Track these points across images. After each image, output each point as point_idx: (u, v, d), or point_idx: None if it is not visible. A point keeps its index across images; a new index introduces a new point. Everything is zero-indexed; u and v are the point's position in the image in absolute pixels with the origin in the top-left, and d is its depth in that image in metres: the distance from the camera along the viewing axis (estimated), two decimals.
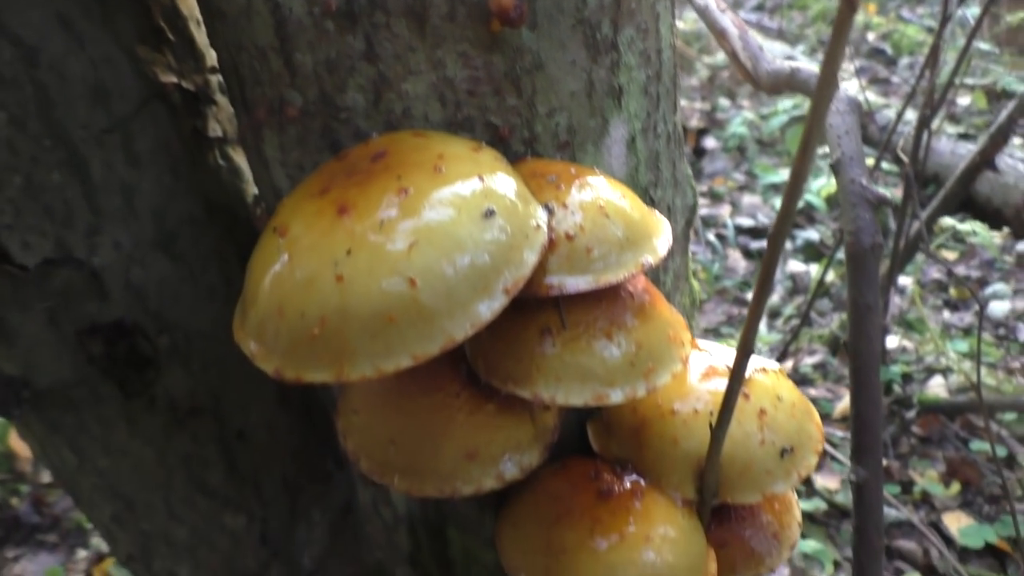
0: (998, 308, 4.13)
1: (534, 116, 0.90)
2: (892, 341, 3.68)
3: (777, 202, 5.38)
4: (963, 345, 3.76)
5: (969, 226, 2.19)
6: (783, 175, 5.75)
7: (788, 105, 6.38)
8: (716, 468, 0.95)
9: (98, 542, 3.45)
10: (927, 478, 3.06)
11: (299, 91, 0.90)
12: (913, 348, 3.80)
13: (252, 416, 1.36)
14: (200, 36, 1.17)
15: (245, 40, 0.90)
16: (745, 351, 0.82)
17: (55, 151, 1.01)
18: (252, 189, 1.28)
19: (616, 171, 0.99)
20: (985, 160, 2.87)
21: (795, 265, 4.63)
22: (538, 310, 0.80)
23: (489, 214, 0.71)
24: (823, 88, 0.63)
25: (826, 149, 6.11)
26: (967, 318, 4.18)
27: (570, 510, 0.95)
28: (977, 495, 3.10)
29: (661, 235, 0.83)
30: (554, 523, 0.95)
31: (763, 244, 4.77)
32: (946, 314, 4.18)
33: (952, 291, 4.39)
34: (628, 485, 0.97)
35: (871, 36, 8.65)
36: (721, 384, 1.01)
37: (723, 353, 1.07)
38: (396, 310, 0.67)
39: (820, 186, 5.10)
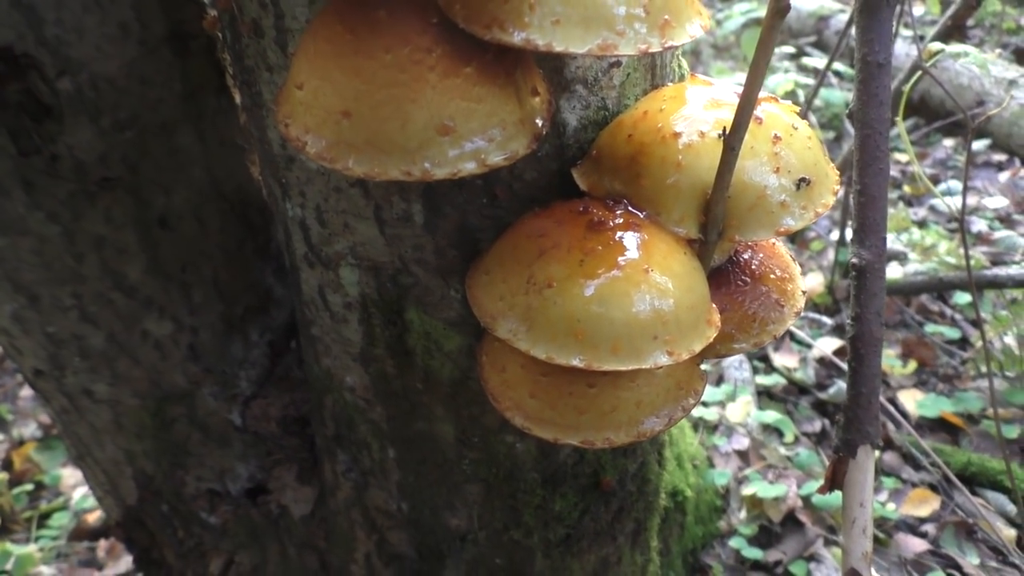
0: (952, 204, 4.10)
1: None
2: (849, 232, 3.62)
3: None
4: (919, 236, 3.73)
5: (961, 48, 2.08)
6: (739, 78, 5.63)
7: (744, 7, 6.23)
8: (725, 190, 0.81)
9: (19, 432, 3.25)
10: (884, 357, 3.01)
11: None
12: None
13: (177, 200, 1.18)
14: None
15: None
16: (776, 16, 0.67)
17: None
18: None
19: None
20: (956, 24, 2.77)
21: None
22: None
23: None
24: None
25: (781, 51, 6.00)
26: (921, 212, 4.16)
27: (557, 244, 0.81)
28: (931, 375, 3.08)
29: None
30: (536, 258, 0.81)
31: None
32: (900, 206, 4.14)
33: (906, 187, 4.36)
34: (622, 218, 0.82)
35: None
36: (727, 113, 0.87)
37: (727, 87, 0.92)
38: None
39: (776, 84, 4.99)
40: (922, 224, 3.97)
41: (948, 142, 4.93)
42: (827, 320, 3.20)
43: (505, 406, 0.90)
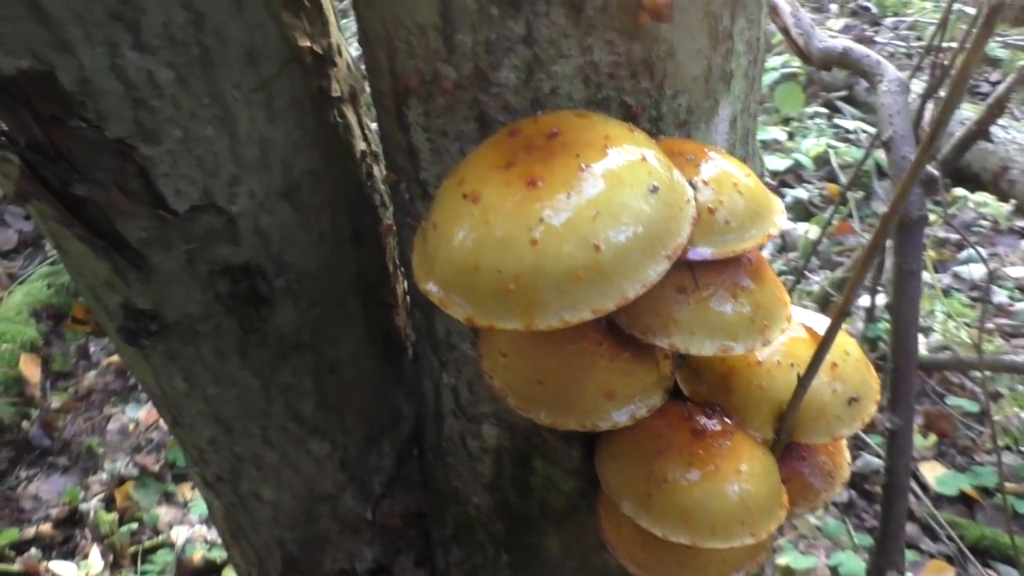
0: (974, 271, 4.35)
1: (662, 98, 1.02)
2: (880, 299, 3.87)
3: (767, 160, 5.54)
4: (941, 305, 3.98)
5: (981, 197, 2.34)
6: (772, 133, 5.89)
7: (777, 63, 6.48)
8: (796, 410, 1.09)
9: (113, 466, 3.57)
10: None
11: (454, 66, 1.00)
12: None
13: (343, 352, 1.48)
14: (327, 2, 1.26)
15: (405, 17, 1.00)
16: (844, 313, 0.96)
17: (211, 108, 1.10)
18: (360, 145, 1.38)
19: (717, 143, 1.11)
20: (981, 130, 3.03)
21: (783, 223, 4.79)
22: (674, 271, 0.92)
23: (654, 190, 0.83)
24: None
25: (814, 108, 6.25)
26: (945, 279, 4.40)
27: (669, 445, 1.09)
28: (951, 447, 3.34)
29: (780, 211, 0.96)
30: (655, 457, 1.09)
31: None
32: (925, 275, 4.38)
33: (931, 252, 4.60)
34: (718, 426, 1.11)
35: None
36: (796, 336, 1.15)
37: (798, 315, 1.21)
38: (583, 270, 0.79)
39: (809, 146, 5.25)
40: (946, 293, 4.21)
41: (973, 202, 5.14)
42: None
43: (620, 554, 1.19)
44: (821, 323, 1.20)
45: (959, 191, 2.31)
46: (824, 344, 1.01)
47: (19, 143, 1.10)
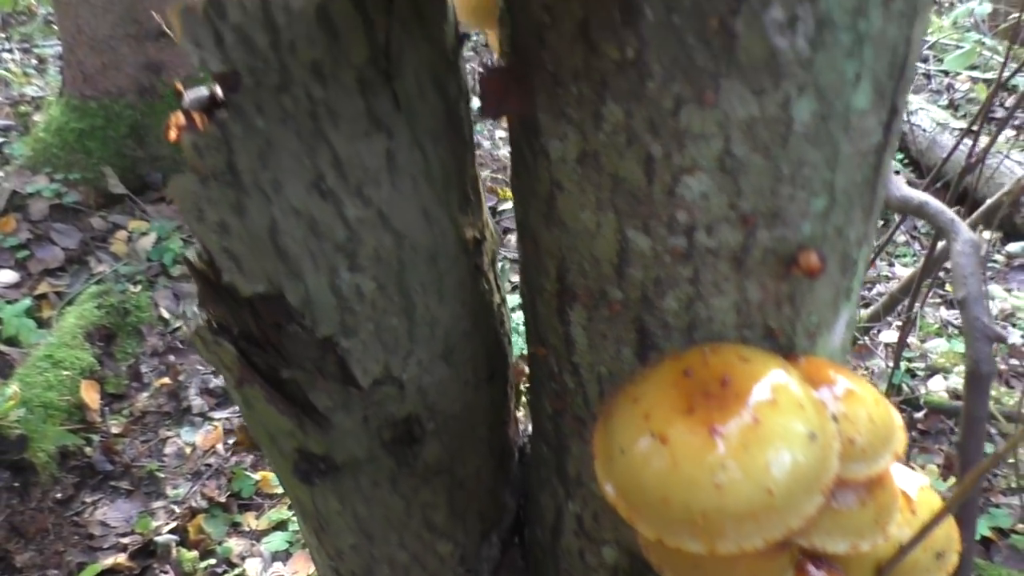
0: (991, 308, 4.55)
1: (798, 319, 1.20)
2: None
3: None
4: (959, 343, 4.18)
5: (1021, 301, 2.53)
6: None
7: None
8: (893, 568, 1.29)
9: (175, 492, 3.76)
10: (928, 472, 3.49)
11: (622, 291, 1.18)
12: (916, 343, 4.21)
13: (469, 468, 1.66)
14: (481, 187, 1.43)
15: (583, 249, 1.17)
16: (948, 511, 1.15)
17: (398, 303, 1.27)
18: (496, 299, 1.55)
19: (835, 343, 1.30)
20: (1012, 201, 3.21)
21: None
22: None
23: (812, 437, 1.02)
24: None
25: None
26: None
27: None
28: None
29: (902, 427, 1.15)
30: None
31: None
32: (943, 311, 4.59)
33: (949, 287, 4.79)
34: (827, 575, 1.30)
35: None
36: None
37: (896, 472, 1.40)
38: (757, 509, 0.98)
39: None
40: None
41: (987, 235, 5.32)
42: None
43: None
44: (910, 480, 1.40)
45: (996, 291, 2.49)
46: (927, 528, 1.20)
47: (232, 332, 1.27)
